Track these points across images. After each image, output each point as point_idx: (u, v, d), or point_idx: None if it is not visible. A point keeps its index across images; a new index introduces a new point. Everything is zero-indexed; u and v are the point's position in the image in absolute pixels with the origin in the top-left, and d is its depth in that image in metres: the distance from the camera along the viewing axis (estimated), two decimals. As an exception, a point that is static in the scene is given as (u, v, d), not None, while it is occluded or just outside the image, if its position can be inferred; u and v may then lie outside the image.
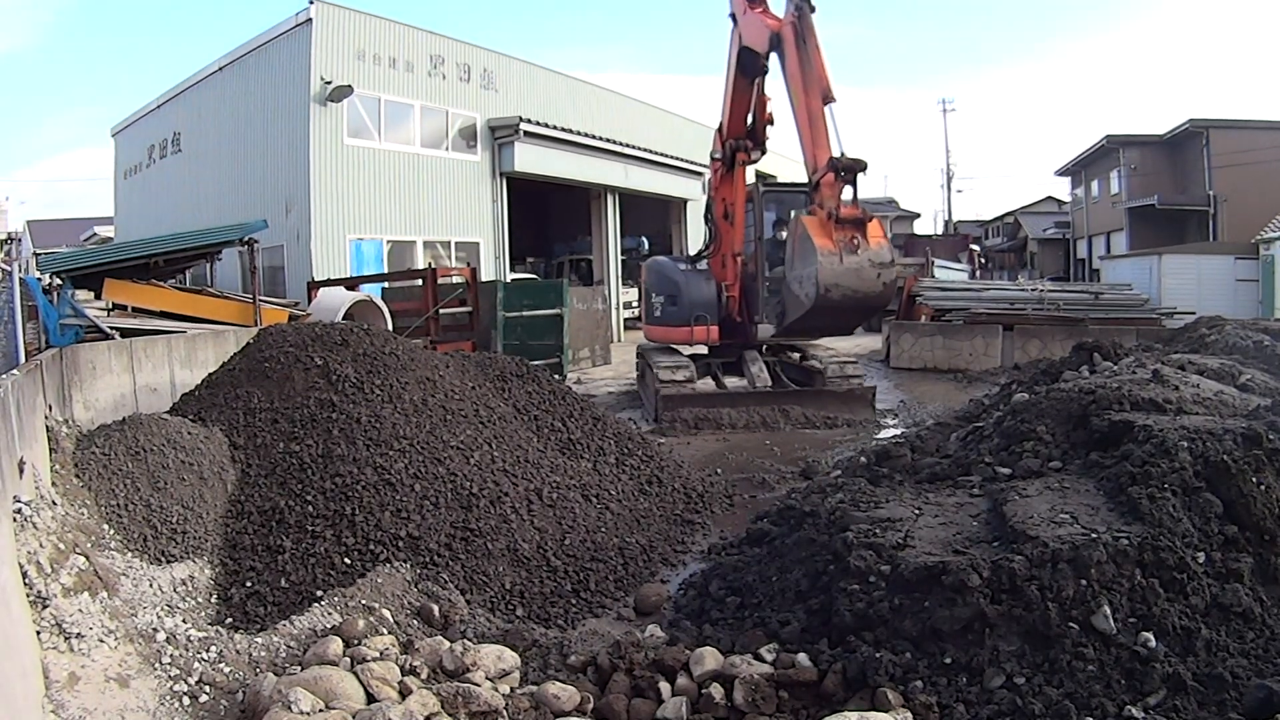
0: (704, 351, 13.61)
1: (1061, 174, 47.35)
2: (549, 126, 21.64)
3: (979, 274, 50.82)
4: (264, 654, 4.27)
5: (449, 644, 4.32)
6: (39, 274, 9.92)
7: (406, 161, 19.33)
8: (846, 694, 3.90)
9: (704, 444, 10.66)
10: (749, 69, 11.55)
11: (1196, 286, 23.06)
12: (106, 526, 5.12)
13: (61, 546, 4.19)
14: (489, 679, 4.11)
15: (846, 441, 10.62)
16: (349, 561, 5.46)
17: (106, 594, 4.20)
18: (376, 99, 18.54)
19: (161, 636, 4.13)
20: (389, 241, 18.93)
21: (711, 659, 4.20)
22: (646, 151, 25.16)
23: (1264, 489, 4.38)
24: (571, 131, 22.32)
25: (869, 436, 10.92)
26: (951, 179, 62.52)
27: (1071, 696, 3.57)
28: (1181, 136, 35.47)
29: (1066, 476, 5.29)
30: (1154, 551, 4.03)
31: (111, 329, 9.28)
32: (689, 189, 28.22)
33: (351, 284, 14.62)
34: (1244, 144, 31.81)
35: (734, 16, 11.62)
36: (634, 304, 26.33)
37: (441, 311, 13.69)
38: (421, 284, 14.18)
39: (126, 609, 4.27)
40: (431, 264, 18.50)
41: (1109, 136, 38.88)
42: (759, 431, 11.34)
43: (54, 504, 4.68)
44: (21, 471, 4.36)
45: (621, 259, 26.23)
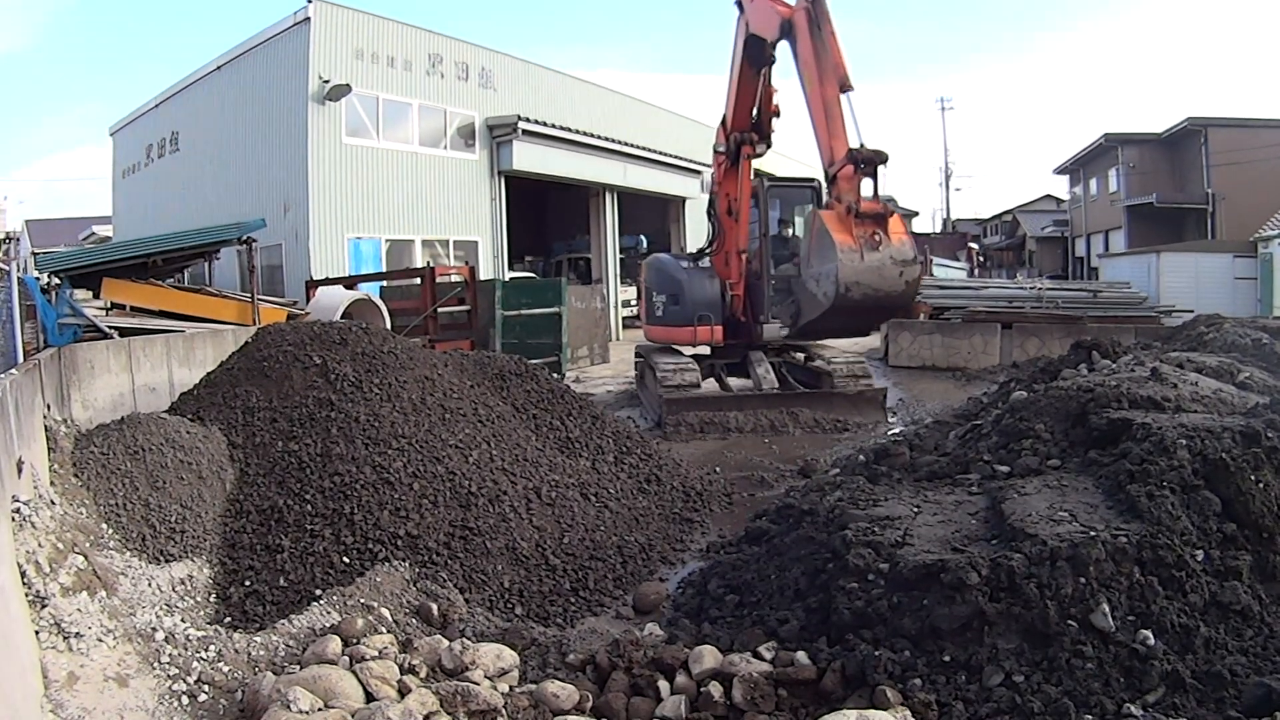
0: (706, 352, 13.18)
1: (1060, 172, 47.37)
2: (547, 125, 21.64)
3: (977, 272, 50.90)
4: (263, 653, 4.27)
5: (448, 643, 4.32)
6: (37, 273, 9.90)
7: (405, 160, 19.32)
8: (845, 692, 3.90)
9: (703, 442, 10.65)
10: (755, 59, 11.22)
11: (1195, 284, 23.10)
12: (105, 526, 5.12)
13: (60, 546, 4.19)
14: (488, 677, 4.11)
15: (845, 440, 10.61)
16: (348, 560, 5.46)
17: (105, 593, 4.19)
18: (375, 98, 18.52)
19: (160, 636, 4.13)
20: (387, 240, 18.93)
21: (710, 657, 4.20)
22: (645, 150, 25.17)
23: (1262, 487, 4.39)
24: (570, 130, 22.32)
25: (867, 435, 10.90)
26: (950, 177, 62.67)
27: (1070, 694, 3.58)
28: (1180, 135, 35.49)
29: (1065, 474, 5.30)
30: (1153, 549, 4.03)
31: (110, 328, 9.28)
32: (687, 187, 28.23)
33: (350, 283, 14.61)
34: (1242, 142, 31.85)
35: (740, 4, 11.27)
36: (632, 302, 26.31)
37: (440, 310, 13.69)
38: (420, 283, 14.18)
39: (125, 608, 4.27)
40: (430, 263, 18.50)
41: (1107, 135, 38.89)
42: (767, 435, 10.96)
43: (52, 503, 4.68)
44: (20, 471, 4.36)
45: (620, 257, 26.24)
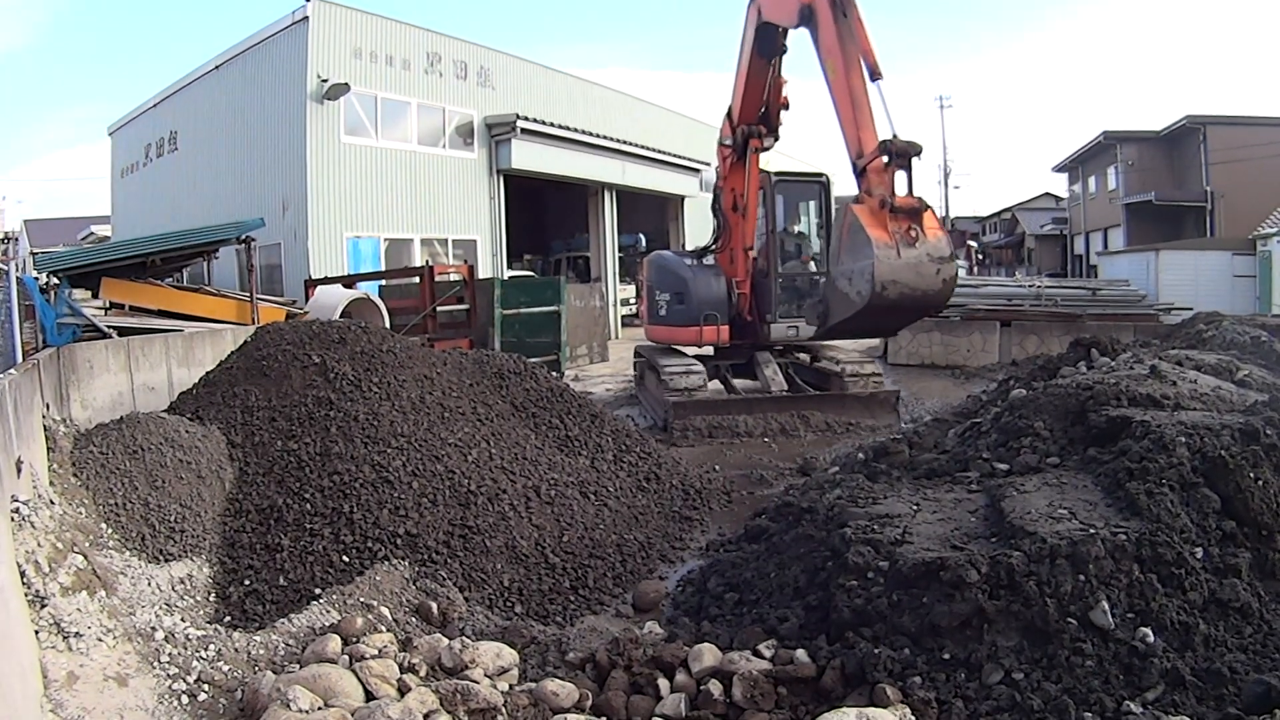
0: (709, 353, 12.73)
1: (1059, 170, 47.39)
2: (546, 124, 21.63)
3: (976, 270, 50.88)
4: (262, 652, 4.27)
5: (447, 641, 4.32)
6: (36, 273, 9.90)
7: (403, 159, 19.31)
8: (845, 690, 3.90)
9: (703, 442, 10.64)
10: (766, 48, 10.81)
11: (1194, 282, 23.12)
12: (104, 525, 5.12)
13: (59, 546, 4.19)
14: (488, 676, 4.11)
15: (845, 439, 10.60)
16: (347, 559, 5.46)
17: (105, 593, 4.19)
18: (373, 97, 18.51)
19: (160, 635, 4.13)
20: (386, 239, 18.92)
21: (710, 655, 4.20)
22: (644, 148, 25.17)
23: (1261, 484, 4.39)
24: (568, 129, 22.31)
25: (867, 433, 10.87)
26: (949, 175, 62.51)
27: (1070, 692, 3.58)
28: (1179, 132, 35.51)
29: (1064, 472, 5.30)
30: (1152, 547, 4.03)
31: (109, 328, 9.28)
32: (686, 186, 28.24)
33: (349, 282, 14.60)
34: (1241, 140, 31.86)
35: None
36: (631, 301, 26.34)
37: (439, 309, 13.67)
38: (419, 282, 14.17)
39: (125, 608, 4.27)
40: (429, 261, 18.49)
41: (1106, 132, 38.90)
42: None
43: (52, 503, 4.68)
44: (19, 471, 4.36)
45: (619, 256, 26.23)
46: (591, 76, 34.98)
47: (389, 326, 11.59)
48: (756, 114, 11.53)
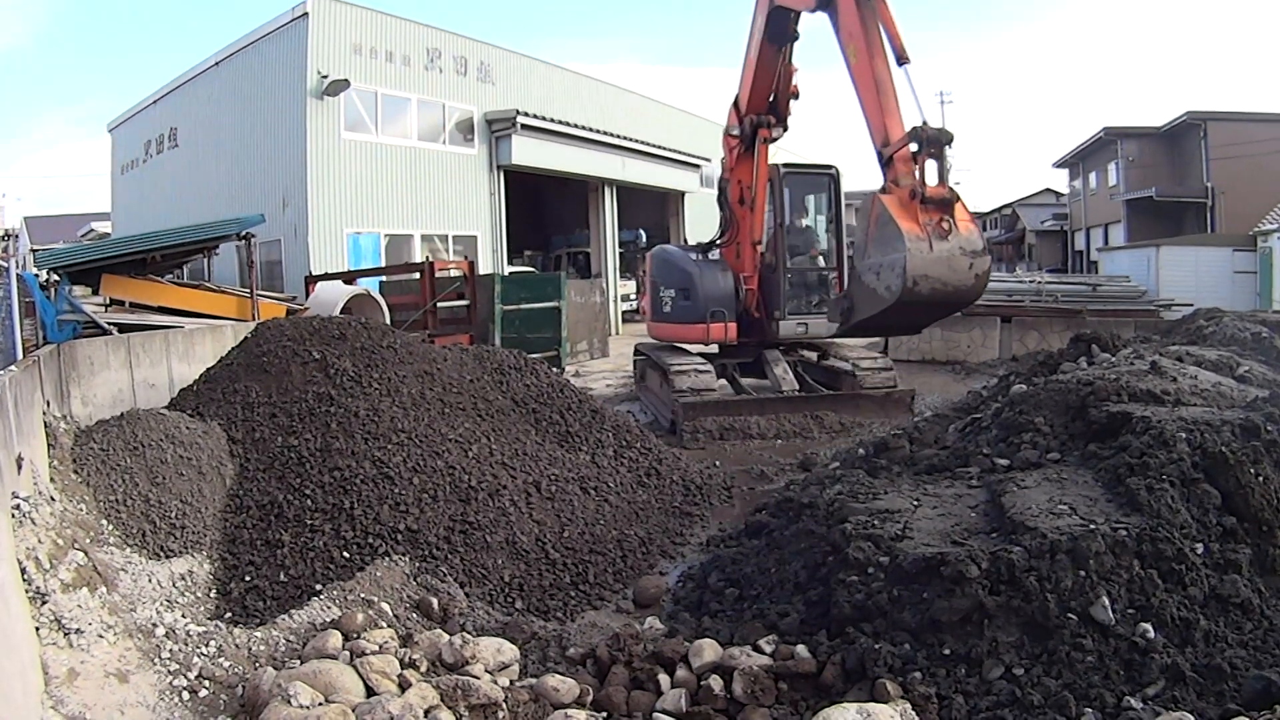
0: (714, 351, 12.26)
1: (1059, 166, 47.37)
2: (546, 119, 21.61)
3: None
4: (263, 648, 4.28)
5: (448, 637, 4.32)
6: (36, 270, 9.90)
7: (403, 155, 19.30)
8: (845, 685, 3.90)
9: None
10: (777, 34, 10.47)
11: (1194, 278, 23.09)
12: (105, 522, 5.12)
13: (60, 542, 4.19)
14: (488, 671, 4.11)
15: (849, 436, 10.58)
16: (348, 555, 5.46)
17: (105, 589, 4.20)
18: (373, 93, 18.49)
19: (161, 631, 4.13)
20: (386, 235, 18.91)
21: (710, 651, 4.20)
22: (644, 144, 25.16)
23: (1262, 480, 4.39)
24: (569, 124, 22.29)
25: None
26: (949, 170, 62.40)
27: (1070, 687, 3.58)
28: (1179, 128, 35.48)
29: (1065, 468, 5.30)
30: (1152, 542, 4.03)
31: (109, 324, 9.27)
32: (687, 181, 28.23)
33: (349, 278, 14.60)
34: (1242, 136, 31.84)
35: None
36: (632, 297, 26.33)
37: (439, 305, 13.66)
38: (419, 277, 14.15)
39: (125, 604, 4.28)
40: (429, 257, 18.48)
41: (1107, 128, 38.89)
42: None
43: (52, 500, 4.68)
44: (20, 467, 4.36)
45: (619, 252, 26.23)
46: (593, 72, 34.92)
47: (389, 322, 11.58)
48: (765, 103, 11.23)
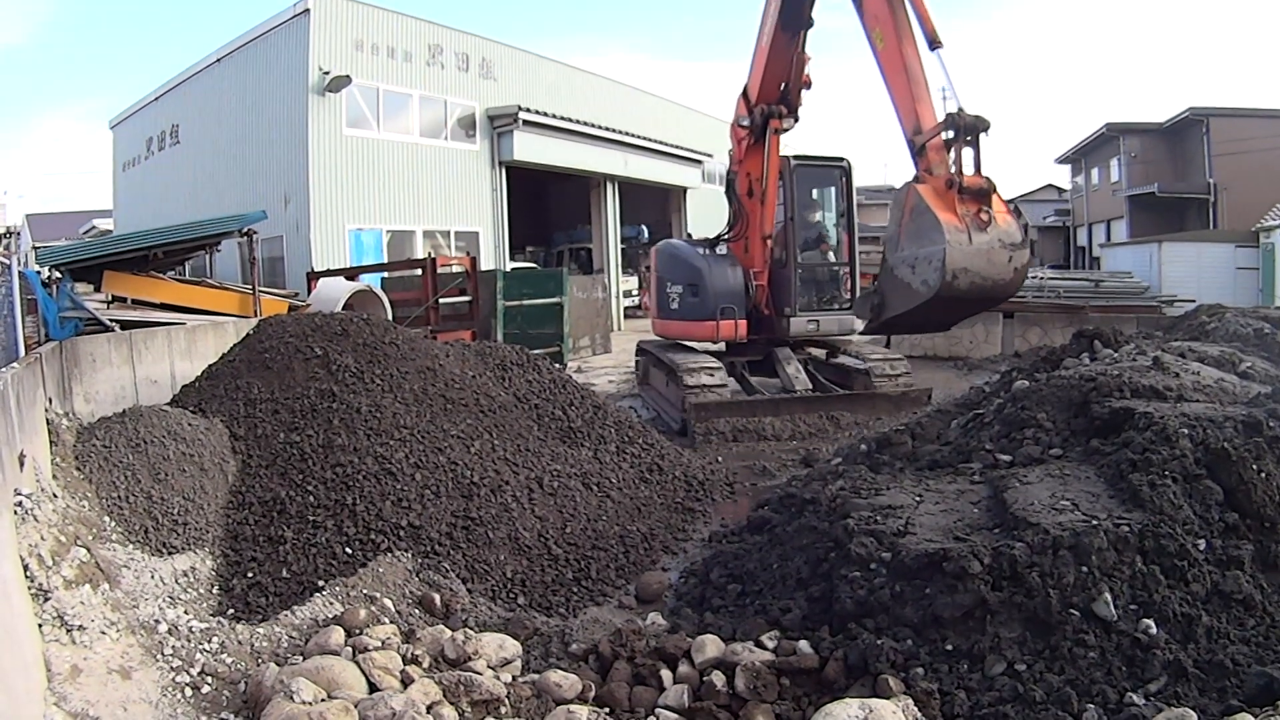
0: (720, 349, 11.84)
1: (1061, 162, 47.26)
2: (548, 115, 21.60)
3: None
4: (266, 644, 4.28)
5: (450, 633, 4.33)
6: (38, 267, 9.90)
7: (405, 151, 19.30)
8: (848, 681, 3.91)
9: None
10: (792, 20, 10.19)
11: (1197, 274, 23.03)
12: (107, 519, 5.13)
13: (62, 539, 4.19)
14: (491, 667, 4.12)
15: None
16: (350, 551, 5.47)
17: (108, 586, 4.20)
18: (375, 89, 18.50)
19: (163, 628, 4.14)
20: (388, 231, 18.93)
21: (713, 646, 4.20)
22: (646, 140, 25.15)
23: (1264, 476, 4.38)
24: (570, 120, 22.28)
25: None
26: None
27: (1073, 683, 3.58)
28: (1181, 124, 35.40)
29: (1067, 463, 5.29)
30: (1155, 538, 4.03)
31: (111, 321, 9.28)
32: (689, 177, 28.22)
33: (351, 274, 14.61)
34: (1244, 132, 31.75)
35: None
36: (633, 292, 26.32)
37: (441, 301, 13.67)
38: (421, 273, 14.15)
39: (128, 601, 4.28)
40: (431, 253, 18.47)
41: (1109, 124, 38.79)
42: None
43: (55, 496, 4.69)
44: (22, 464, 4.36)
45: (621, 247, 26.22)
46: (595, 67, 34.93)
47: (391, 318, 11.57)
48: (777, 93, 10.95)
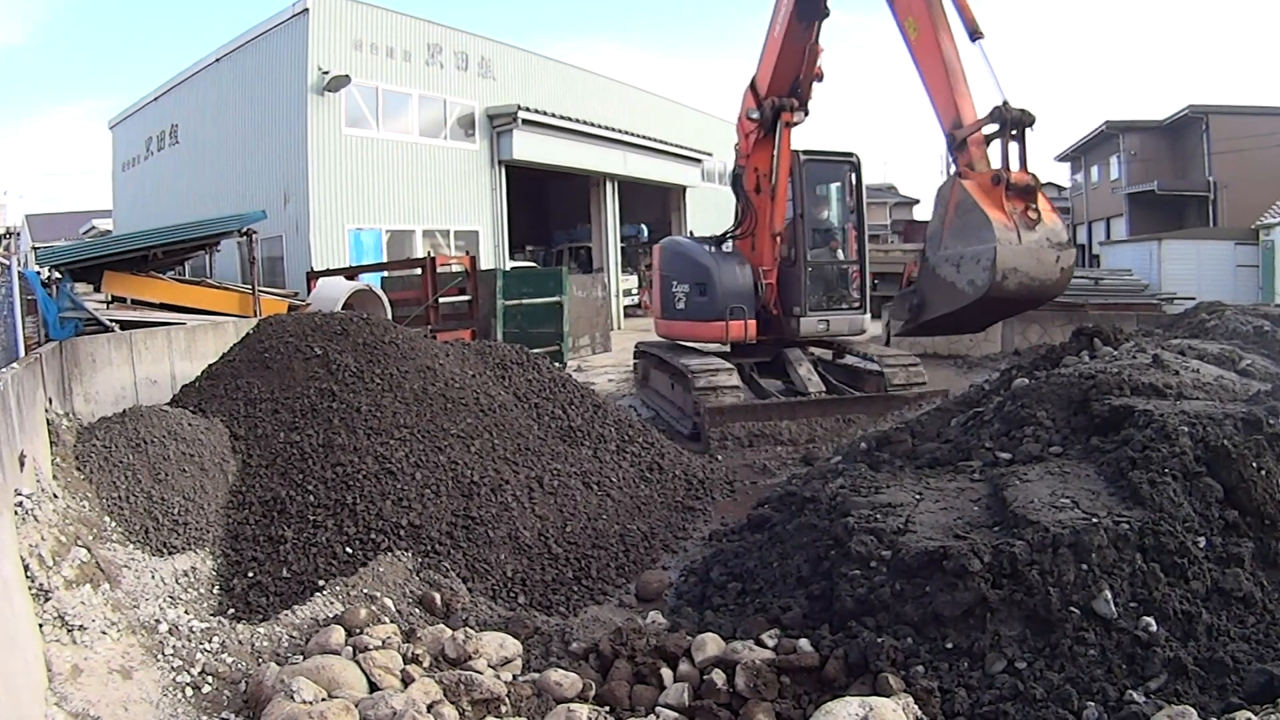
0: (726, 351, 11.48)
1: (1061, 159, 47.25)
2: (547, 114, 21.59)
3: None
4: (266, 644, 4.28)
5: (451, 632, 4.33)
6: (38, 267, 9.89)
7: (405, 151, 19.29)
8: (848, 679, 3.91)
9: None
10: (809, 9, 9.95)
11: (1196, 272, 23.04)
12: (108, 519, 5.13)
13: (63, 539, 4.20)
14: (491, 666, 4.12)
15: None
16: (350, 551, 5.47)
17: (108, 586, 4.21)
18: (374, 88, 18.49)
19: (164, 628, 4.14)
20: (388, 231, 18.92)
21: (713, 645, 4.21)
22: (645, 139, 25.15)
23: (1264, 474, 4.38)
24: (570, 119, 22.28)
25: (869, 422, 10.69)
26: (950, 165, 62.33)
27: (1073, 681, 3.59)
28: (1181, 122, 35.39)
29: (1067, 461, 5.29)
30: (1155, 536, 4.03)
31: (111, 321, 9.27)
32: (689, 176, 28.22)
33: (351, 273, 14.60)
34: (1244, 129, 31.75)
35: None
36: (633, 291, 26.30)
37: (441, 300, 13.66)
38: (421, 273, 14.15)
39: (129, 601, 4.28)
40: (430, 253, 18.47)
41: (1109, 122, 38.80)
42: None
43: (55, 497, 4.69)
44: (22, 465, 4.36)
45: (621, 246, 26.22)
46: (594, 65, 34.83)
47: (391, 318, 11.57)
48: (788, 85, 10.68)
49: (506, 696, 3.84)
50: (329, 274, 14.69)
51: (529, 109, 21.02)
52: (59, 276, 9.40)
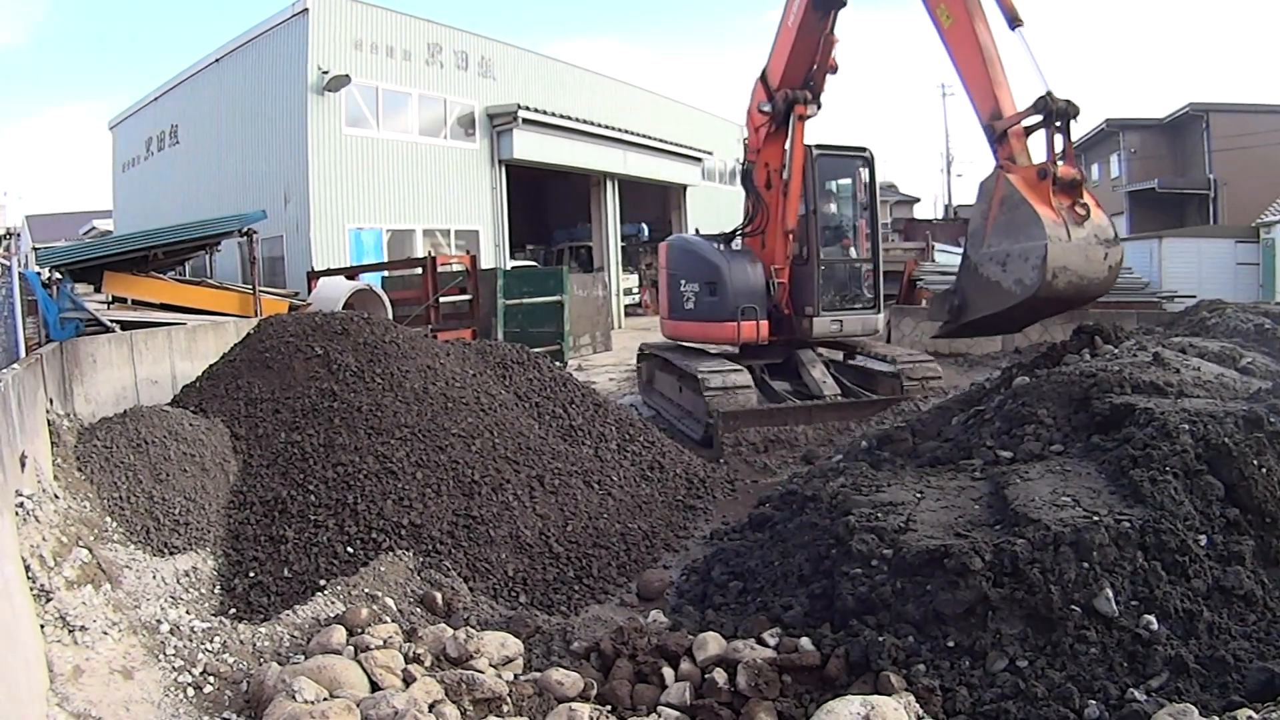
0: (735, 352, 11.09)
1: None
2: (547, 114, 21.60)
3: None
4: (268, 644, 4.29)
5: (452, 631, 4.33)
6: (38, 268, 9.89)
7: (405, 150, 19.31)
8: (849, 678, 3.91)
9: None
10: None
11: (1197, 270, 23.01)
12: (109, 519, 5.13)
13: (64, 539, 4.20)
14: (492, 666, 4.12)
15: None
16: (351, 550, 5.48)
17: (110, 586, 4.21)
18: (374, 88, 18.51)
19: (165, 628, 4.14)
20: (388, 230, 18.94)
21: (714, 644, 4.21)
22: (645, 138, 25.14)
23: (1265, 472, 4.38)
24: (570, 118, 22.29)
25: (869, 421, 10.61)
26: (951, 163, 62.16)
27: (1074, 679, 3.58)
28: (1181, 120, 35.34)
29: (1068, 459, 5.29)
30: (1156, 534, 4.03)
31: (111, 322, 9.27)
32: (689, 175, 28.22)
33: (351, 273, 14.61)
34: (1244, 127, 31.70)
35: None
36: (634, 290, 26.31)
37: (441, 299, 13.66)
38: (421, 272, 14.15)
39: (130, 601, 4.29)
40: (431, 252, 18.47)
41: (1109, 120, 38.72)
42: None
43: (56, 497, 4.69)
44: (23, 465, 4.36)
45: (621, 245, 26.22)
46: (594, 64, 34.81)
47: (392, 317, 11.58)
48: (802, 77, 10.36)
49: (508, 696, 3.84)
50: (329, 274, 14.70)
51: (529, 108, 21.02)
52: (59, 277, 9.40)
